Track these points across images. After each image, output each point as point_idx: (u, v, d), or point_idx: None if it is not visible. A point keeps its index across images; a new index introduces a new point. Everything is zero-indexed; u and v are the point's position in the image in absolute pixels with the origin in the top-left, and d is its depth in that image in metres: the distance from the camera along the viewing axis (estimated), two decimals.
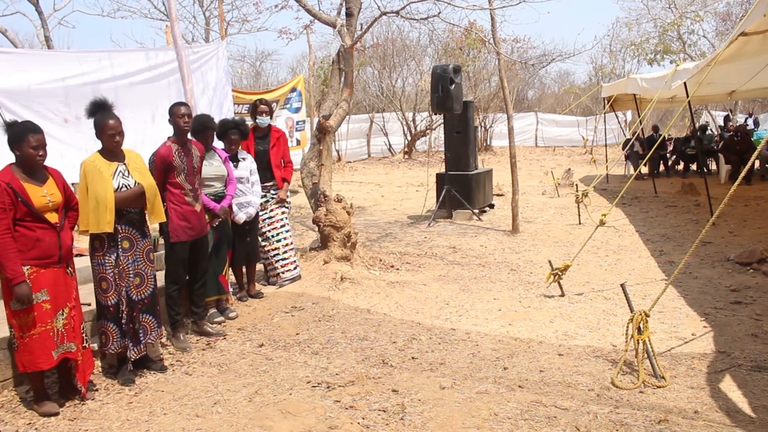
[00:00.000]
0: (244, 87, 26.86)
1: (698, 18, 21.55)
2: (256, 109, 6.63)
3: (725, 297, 5.96)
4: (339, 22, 7.81)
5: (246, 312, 5.96)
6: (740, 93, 14.23)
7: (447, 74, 9.85)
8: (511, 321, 5.54)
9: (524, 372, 4.40)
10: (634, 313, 4.24)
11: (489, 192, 11.74)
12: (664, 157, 16.59)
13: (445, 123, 11.20)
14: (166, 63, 7.87)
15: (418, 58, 25.74)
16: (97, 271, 4.30)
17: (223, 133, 5.99)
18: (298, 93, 14.13)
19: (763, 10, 5.42)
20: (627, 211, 11.07)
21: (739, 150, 13.41)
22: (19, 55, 7.56)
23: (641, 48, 23.28)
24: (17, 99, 6.58)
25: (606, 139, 18.13)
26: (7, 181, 3.67)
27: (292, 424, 3.74)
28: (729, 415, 3.66)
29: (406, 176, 18.12)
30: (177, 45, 6.54)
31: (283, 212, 6.77)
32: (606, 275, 6.97)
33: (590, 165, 18.09)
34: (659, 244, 8.39)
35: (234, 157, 6.05)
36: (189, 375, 4.56)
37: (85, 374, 4.13)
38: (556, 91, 38.61)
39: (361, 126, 23.58)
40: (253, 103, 6.81)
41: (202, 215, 5.18)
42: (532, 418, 3.72)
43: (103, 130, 4.23)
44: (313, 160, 8.02)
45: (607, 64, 31.26)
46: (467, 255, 7.98)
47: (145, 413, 3.95)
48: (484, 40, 17.23)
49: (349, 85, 8.03)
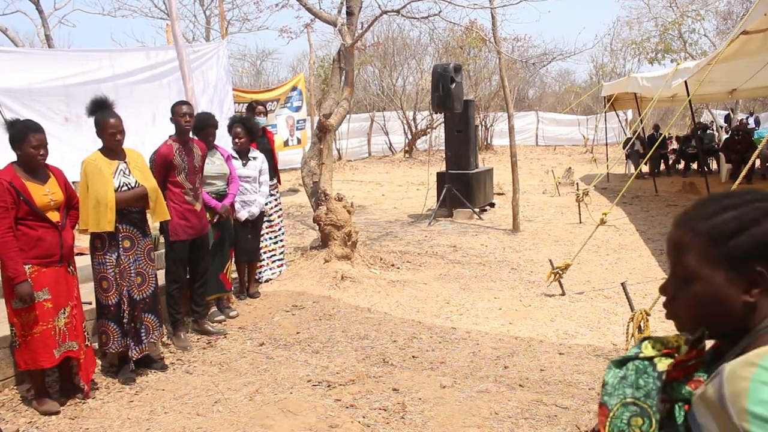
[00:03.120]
0: (244, 86, 26.84)
1: (699, 17, 21.53)
2: (254, 110, 6.68)
3: None
4: (339, 20, 7.81)
5: (247, 311, 5.96)
6: (741, 92, 14.24)
7: (447, 73, 9.84)
8: (512, 320, 5.54)
9: (525, 371, 4.40)
10: (635, 312, 4.24)
11: (489, 191, 11.74)
12: (665, 156, 16.58)
13: (445, 122, 11.19)
14: (166, 62, 7.87)
15: (418, 56, 25.72)
16: (97, 270, 4.30)
17: (230, 127, 6.09)
18: (299, 92, 14.13)
19: (764, 8, 5.42)
20: (628, 210, 11.06)
21: (739, 149, 13.40)
22: (20, 54, 7.57)
23: (642, 47, 23.25)
24: (18, 98, 6.58)
25: (607, 138, 18.11)
26: (9, 179, 3.67)
27: (292, 422, 3.74)
28: None
29: (407, 175, 18.12)
30: (177, 44, 6.54)
31: (280, 215, 6.95)
32: (606, 274, 6.97)
33: (591, 164, 18.08)
34: (660, 243, 8.38)
35: (245, 155, 6.07)
36: (190, 374, 4.56)
37: (88, 372, 4.13)
38: (556, 90, 38.60)
39: (362, 125, 23.56)
40: (250, 105, 6.85)
41: (203, 214, 5.18)
42: (532, 417, 3.72)
43: (103, 128, 4.23)
44: (313, 159, 8.02)
45: (608, 63, 31.29)
46: (468, 254, 7.98)
47: (146, 412, 3.96)
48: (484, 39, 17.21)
49: (350, 84, 8.03)
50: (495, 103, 23.70)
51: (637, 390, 1.15)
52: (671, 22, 21.86)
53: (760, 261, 1.06)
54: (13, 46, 12.97)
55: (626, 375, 1.18)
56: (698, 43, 22.47)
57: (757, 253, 1.06)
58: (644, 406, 1.13)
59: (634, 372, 1.17)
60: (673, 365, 1.13)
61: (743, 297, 1.08)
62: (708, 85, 9.96)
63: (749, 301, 1.07)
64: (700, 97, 15.08)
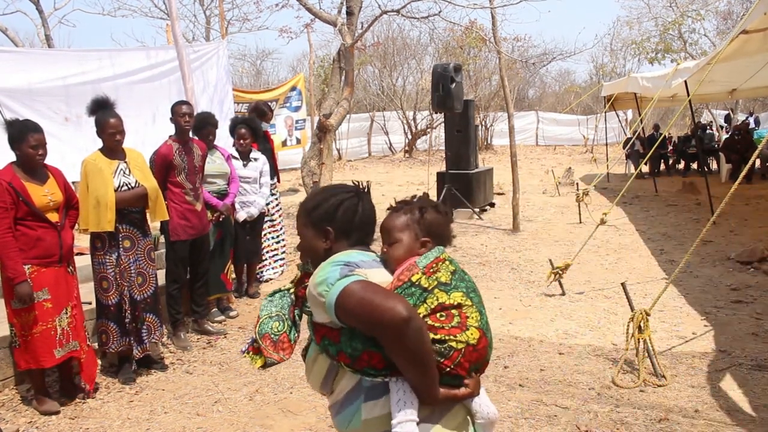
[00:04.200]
0: (244, 86, 26.83)
1: (699, 17, 21.53)
2: (264, 116, 6.75)
3: (726, 296, 5.96)
4: (339, 20, 7.81)
5: (247, 311, 5.96)
6: (741, 92, 14.22)
7: (448, 73, 9.83)
8: (512, 320, 5.54)
9: (525, 371, 4.40)
10: (635, 312, 4.24)
11: (489, 191, 11.73)
12: (665, 156, 16.58)
13: (445, 122, 11.18)
14: (166, 62, 7.87)
15: (418, 56, 25.72)
16: (97, 270, 4.29)
17: (233, 128, 6.08)
18: (299, 92, 14.12)
19: (763, 8, 5.41)
20: (628, 210, 11.06)
21: (739, 149, 13.40)
22: (20, 54, 7.57)
23: (642, 47, 23.24)
24: (18, 98, 6.58)
25: (607, 138, 18.10)
26: (8, 180, 3.66)
27: (292, 422, 3.74)
28: (729, 414, 3.66)
29: (407, 175, 18.10)
30: (177, 44, 6.54)
31: (281, 214, 7.00)
32: (607, 274, 6.97)
33: (591, 164, 18.08)
34: (660, 243, 8.39)
35: (246, 156, 6.06)
36: (190, 374, 4.56)
37: (90, 372, 4.13)
38: (556, 90, 38.60)
39: (362, 125, 23.54)
40: (257, 107, 6.84)
41: (203, 214, 5.18)
42: (532, 416, 3.72)
43: (103, 128, 4.23)
44: (313, 159, 8.02)
45: (608, 63, 31.29)
46: (468, 254, 7.98)
47: (146, 412, 3.96)
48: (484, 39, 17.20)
49: (350, 84, 8.03)
50: (495, 103, 23.70)
51: (277, 307, 1.93)
52: (671, 21, 21.86)
53: (329, 223, 1.87)
54: (14, 46, 12.97)
55: (273, 299, 1.95)
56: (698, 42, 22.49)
57: (326, 219, 1.87)
58: (281, 314, 1.92)
59: (279, 297, 1.94)
60: (295, 285, 1.95)
61: (323, 244, 1.88)
62: (708, 85, 9.95)
63: (326, 247, 1.87)
64: (700, 97, 15.07)
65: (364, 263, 1.77)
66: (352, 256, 1.78)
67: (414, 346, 1.60)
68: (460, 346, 1.69)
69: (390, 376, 1.69)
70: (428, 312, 1.70)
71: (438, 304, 1.71)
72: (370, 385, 1.72)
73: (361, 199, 1.92)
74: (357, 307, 1.62)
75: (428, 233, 1.89)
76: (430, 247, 1.87)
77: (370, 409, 1.72)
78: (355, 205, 1.89)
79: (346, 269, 1.70)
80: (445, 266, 1.80)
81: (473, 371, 1.76)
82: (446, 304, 1.72)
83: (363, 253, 1.84)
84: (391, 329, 1.58)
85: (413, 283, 1.73)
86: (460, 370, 1.71)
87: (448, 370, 1.69)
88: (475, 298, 1.79)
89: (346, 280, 1.66)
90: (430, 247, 1.87)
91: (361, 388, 1.74)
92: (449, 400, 1.72)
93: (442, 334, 1.68)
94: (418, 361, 1.63)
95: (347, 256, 1.77)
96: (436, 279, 1.75)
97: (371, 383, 1.72)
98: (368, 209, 1.93)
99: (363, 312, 1.61)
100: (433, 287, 1.73)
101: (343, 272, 1.68)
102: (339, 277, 1.67)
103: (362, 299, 1.61)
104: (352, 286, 1.64)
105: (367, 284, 1.66)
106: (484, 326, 1.79)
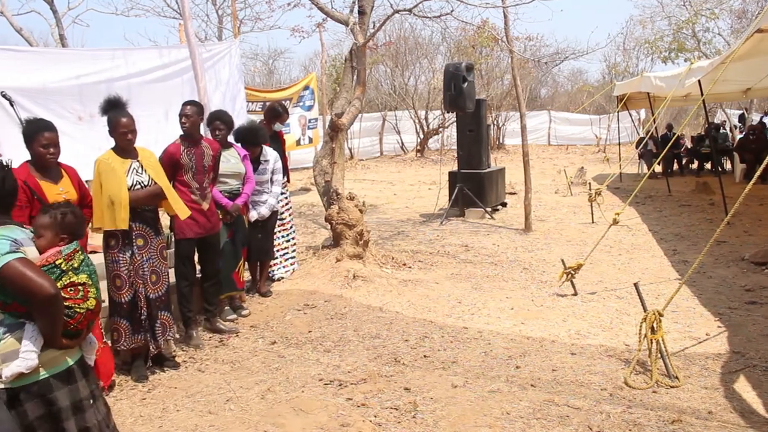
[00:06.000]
0: (257, 85, 26.89)
1: (713, 15, 21.31)
2: (280, 116, 6.77)
3: (740, 297, 5.92)
4: (351, 20, 7.80)
5: (258, 309, 5.98)
6: (756, 91, 14.05)
7: (460, 72, 9.82)
8: (524, 320, 5.52)
9: (537, 371, 4.38)
10: (648, 313, 4.22)
11: (501, 190, 11.70)
12: (678, 155, 16.46)
13: (457, 121, 11.16)
14: (179, 61, 7.89)
15: (430, 56, 25.68)
16: (111, 268, 4.32)
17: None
18: (311, 91, 14.15)
19: None
20: (640, 210, 11.00)
21: (754, 149, 13.28)
22: (35, 54, 7.62)
23: (655, 46, 23.05)
24: (33, 97, 6.61)
25: (619, 138, 18.00)
26: (23, 178, 3.69)
27: (304, 421, 3.75)
28: (743, 416, 3.64)
29: (419, 174, 18.10)
30: (190, 43, 6.56)
31: (291, 213, 7.05)
32: (619, 274, 6.93)
33: (603, 164, 17.96)
34: (673, 243, 8.34)
35: (255, 159, 6.05)
36: (202, 372, 4.58)
37: (107, 370, 4.14)
38: (569, 89, 38.37)
39: (374, 124, 23.54)
40: (276, 110, 6.84)
41: (212, 213, 5.18)
42: (544, 417, 3.71)
43: (116, 127, 4.26)
44: (325, 158, 8.03)
45: (621, 62, 31.03)
46: (479, 253, 7.97)
47: (158, 409, 3.98)
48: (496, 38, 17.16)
49: (362, 84, 8.02)
50: (507, 103, 23.64)
51: None
52: (685, 20, 21.66)
53: None
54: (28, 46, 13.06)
55: None
56: (712, 41, 22.24)
57: None
58: None
59: None
60: None
61: None
62: (722, 84, 9.84)
63: None
64: (714, 97, 14.92)
65: (24, 241, 2.41)
66: (15, 233, 2.40)
67: (53, 311, 2.38)
68: (81, 310, 2.52)
69: (27, 321, 2.41)
70: (63, 286, 2.46)
71: (70, 282, 2.50)
72: (12, 322, 2.40)
73: (6, 174, 2.49)
74: (17, 279, 2.27)
75: (65, 231, 2.64)
76: (68, 241, 2.61)
77: (9, 337, 2.39)
78: (2, 179, 2.46)
79: (15, 245, 2.34)
80: (78, 256, 2.57)
81: (88, 327, 2.62)
82: (75, 282, 2.52)
83: (22, 230, 2.47)
84: (39, 300, 2.32)
85: (56, 265, 2.48)
86: (81, 327, 2.54)
87: (72, 327, 2.50)
88: (94, 278, 2.61)
89: (11, 255, 2.29)
90: (67, 241, 2.62)
91: (5, 323, 2.41)
92: (64, 346, 2.49)
93: (71, 303, 2.48)
94: (53, 321, 2.41)
95: (10, 231, 2.39)
96: (71, 265, 2.52)
97: (14, 321, 2.41)
98: (10, 183, 2.50)
99: (20, 284, 2.28)
100: (68, 269, 2.51)
101: (12, 248, 2.32)
102: (7, 251, 2.30)
103: (23, 275, 2.28)
104: (13, 263, 2.28)
105: (26, 262, 2.32)
106: (98, 297, 2.61)
